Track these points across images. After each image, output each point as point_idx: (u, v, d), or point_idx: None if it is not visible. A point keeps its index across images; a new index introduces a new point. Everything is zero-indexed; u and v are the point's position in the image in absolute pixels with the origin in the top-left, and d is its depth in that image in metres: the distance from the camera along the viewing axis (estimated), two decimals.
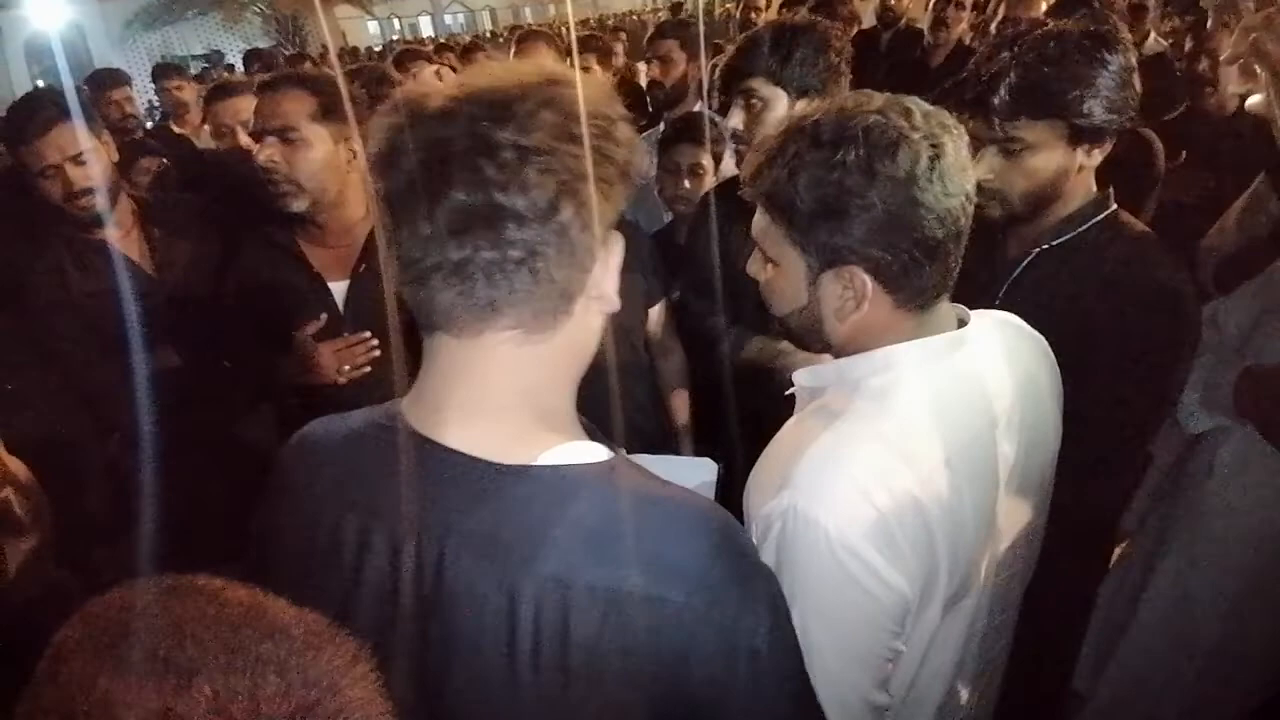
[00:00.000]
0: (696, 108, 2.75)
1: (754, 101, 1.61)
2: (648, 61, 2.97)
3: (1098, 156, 1.31)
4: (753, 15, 4.46)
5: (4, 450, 0.88)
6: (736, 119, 1.63)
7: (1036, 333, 1.07)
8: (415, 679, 0.67)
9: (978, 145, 1.29)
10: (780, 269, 0.92)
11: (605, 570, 0.63)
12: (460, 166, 0.62)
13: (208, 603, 0.49)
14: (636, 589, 0.63)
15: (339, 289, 1.74)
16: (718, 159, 2.23)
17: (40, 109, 1.83)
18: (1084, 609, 1.65)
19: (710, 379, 1.78)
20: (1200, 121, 2.81)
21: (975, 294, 1.08)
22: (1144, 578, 1.70)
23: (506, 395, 0.68)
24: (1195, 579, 1.61)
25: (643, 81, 3.92)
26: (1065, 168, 1.30)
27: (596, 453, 0.70)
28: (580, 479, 0.67)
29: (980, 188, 1.26)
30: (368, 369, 1.67)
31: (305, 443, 0.78)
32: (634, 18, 16.34)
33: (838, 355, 0.96)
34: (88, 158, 1.81)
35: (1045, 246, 1.36)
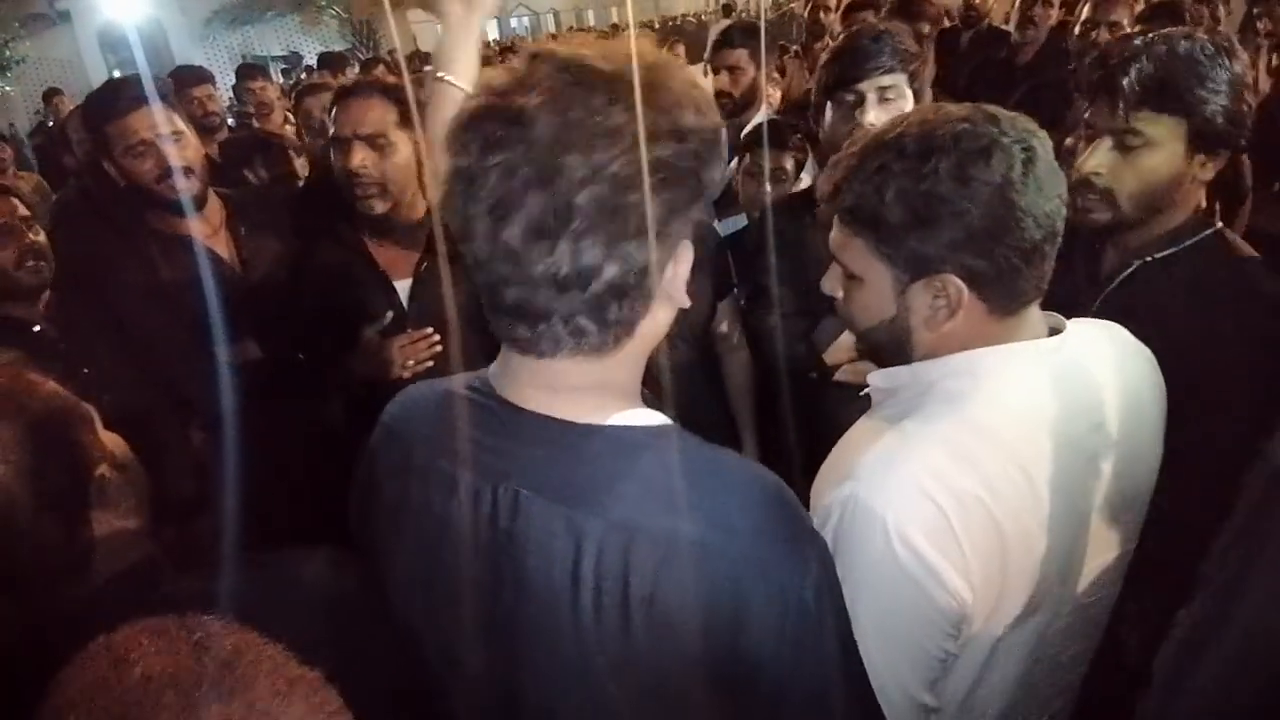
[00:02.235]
0: (759, 115, 2.72)
1: (889, 97, 1.54)
2: (715, 72, 2.91)
3: (1210, 171, 1.25)
4: (821, 15, 4.35)
5: (102, 426, 0.89)
6: (874, 114, 1.52)
7: (1143, 346, 1.02)
8: (489, 614, 0.72)
9: (1094, 136, 1.26)
10: (864, 283, 0.91)
11: (666, 519, 0.67)
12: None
13: (187, 654, 0.52)
14: (694, 536, 0.67)
15: (403, 286, 1.79)
16: (799, 165, 2.23)
17: (127, 89, 1.85)
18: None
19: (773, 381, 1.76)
20: None
21: (1069, 304, 1.03)
22: (1223, 611, 1.61)
23: (580, 382, 0.73)
24: (1272, 618, 1.52)
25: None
26: (1180, 174, 1.24)
27: (659, 419, 0.75)
28: (645, 438, 0.73)
29: (1089, 183, 1.24)
30: (430, 363, 1.71)
31: (406, 402, 0.85)
32: (692, 19, 16.25)
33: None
34: (180, 138, 1.85)
35: (1148, 259, 1.29)
